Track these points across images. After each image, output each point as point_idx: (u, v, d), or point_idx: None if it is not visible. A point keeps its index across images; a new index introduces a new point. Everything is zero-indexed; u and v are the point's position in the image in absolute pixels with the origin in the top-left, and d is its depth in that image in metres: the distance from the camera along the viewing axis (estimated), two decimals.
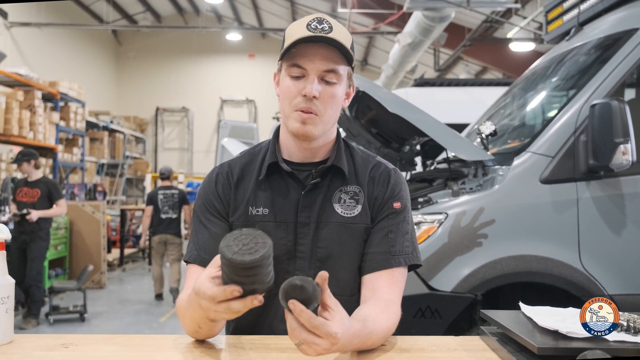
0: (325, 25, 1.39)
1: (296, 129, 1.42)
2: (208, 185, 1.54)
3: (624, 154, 2.88)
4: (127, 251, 11.55)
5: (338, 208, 1.48)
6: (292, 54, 1.41)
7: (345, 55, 1.42)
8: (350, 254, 1.47)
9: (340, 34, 1.40)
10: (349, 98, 1.51)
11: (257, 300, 1.08)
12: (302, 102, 1.40)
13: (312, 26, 1.38)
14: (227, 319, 1.21)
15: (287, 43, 1.41)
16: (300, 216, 1.47)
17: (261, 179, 1.50)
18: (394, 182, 1.52)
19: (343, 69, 1.43)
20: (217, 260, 1.14)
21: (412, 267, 1.51)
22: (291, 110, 1.42)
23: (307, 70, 1.40)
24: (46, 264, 7.53)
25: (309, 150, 1.49)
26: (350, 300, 1.43)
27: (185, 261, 1.51)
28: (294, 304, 1.04)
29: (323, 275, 1.08)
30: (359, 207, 1.48)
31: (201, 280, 1.14)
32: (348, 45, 1.40)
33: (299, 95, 1.40)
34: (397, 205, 1.49)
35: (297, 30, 1.40)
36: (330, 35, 1.38)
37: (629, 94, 3.67)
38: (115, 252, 11.13)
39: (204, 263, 1.45)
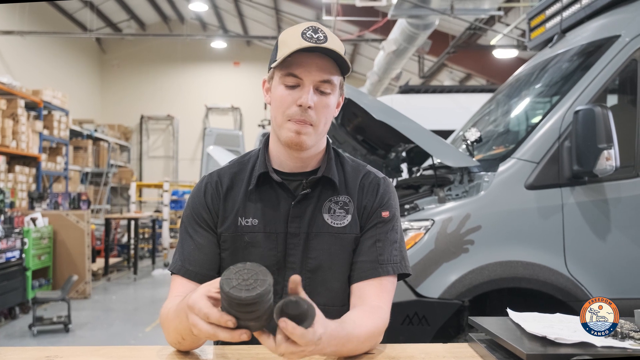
0: (321, 35, 1.38)
1: (290, 139, 1.41)
2: (197, 195, 1.53)
3: (608, 159, 2.91)
4: (111, 260, 11.42)
5: (328, 218, 1.47)
6: (287, 63, 1.39)
7: (339, 65, 1.41)
8: (341, 264, 1.46)
9: (335, 43, 1.39)
10: (338, 107, 1.51)
11: (245, 335, 1.05)
12: (297, 113, 1.39)
13: (308, 35, 1.37)
14: (209, 340, 1.19)
15: (283, 51, 1.38)
16: (290, 227, 1.46)
17: (251, 189, 1.49)
18: (383, 191, 1.51)
19: (337, 79, 1.43)
20: (217, 282, 1.10)
21: (402, 277, 1.50)
22: (284, 120, 1.41)
23: (303, 80, 1.39)
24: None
25: (299, 160, 1.48)
26: (341, 311, 1.41)
27: (170, 271, 1.49)
28: (285, 322, 1.01)
29: (296, 280, 1.04)
30: (349, 217, 1.48)
31: (197, 296, 1.10)
32: (343, 55, 1.40)
33: (293, 104, 1.39)
34: (385, 214, 1.49)
35: (292, 39, 1.38)
36: (326, 45, 1.37)
37: (612, 100, 3.71)
38: (100, 262, 11.00)
39: (188, 274, 1.44)
